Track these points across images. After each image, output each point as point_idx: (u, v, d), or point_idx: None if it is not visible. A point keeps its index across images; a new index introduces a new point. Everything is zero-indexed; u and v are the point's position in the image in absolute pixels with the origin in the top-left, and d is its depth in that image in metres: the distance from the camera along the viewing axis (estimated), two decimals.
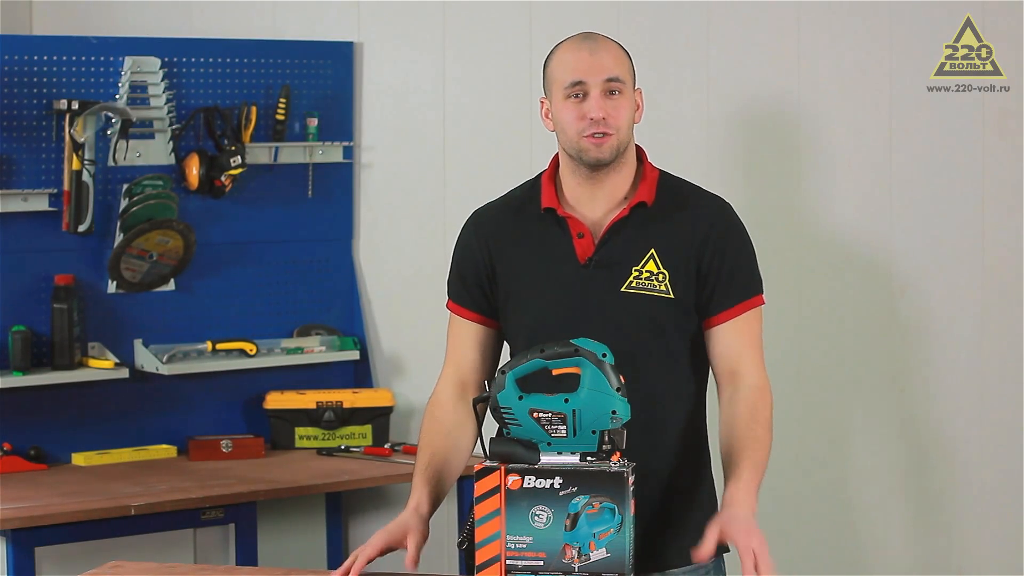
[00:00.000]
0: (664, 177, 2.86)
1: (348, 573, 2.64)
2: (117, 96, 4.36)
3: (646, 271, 2.78)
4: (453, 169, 4.59)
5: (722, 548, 2.85)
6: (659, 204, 2.82)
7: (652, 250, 2.78)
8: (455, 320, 2.92)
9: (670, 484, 2.80)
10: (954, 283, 3.88)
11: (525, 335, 2.81)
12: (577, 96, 2.76)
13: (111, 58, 4.39)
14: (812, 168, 4.02)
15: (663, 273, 2.78)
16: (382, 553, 2.68)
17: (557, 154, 2.89)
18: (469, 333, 2.90)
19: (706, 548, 2.54)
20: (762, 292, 2.84)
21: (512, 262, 2.85)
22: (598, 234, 2.81)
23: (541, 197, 2.84)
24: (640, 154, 2.87)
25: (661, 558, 2.78)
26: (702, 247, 2.78)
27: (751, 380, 2.76)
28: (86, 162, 4.27)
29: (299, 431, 4.57)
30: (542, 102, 2.85)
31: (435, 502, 2.77)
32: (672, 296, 2.77)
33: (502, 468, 2.56)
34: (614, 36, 2.83)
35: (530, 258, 2.83)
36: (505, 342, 2.92)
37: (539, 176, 2.89)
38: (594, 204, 2.82)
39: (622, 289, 2.77)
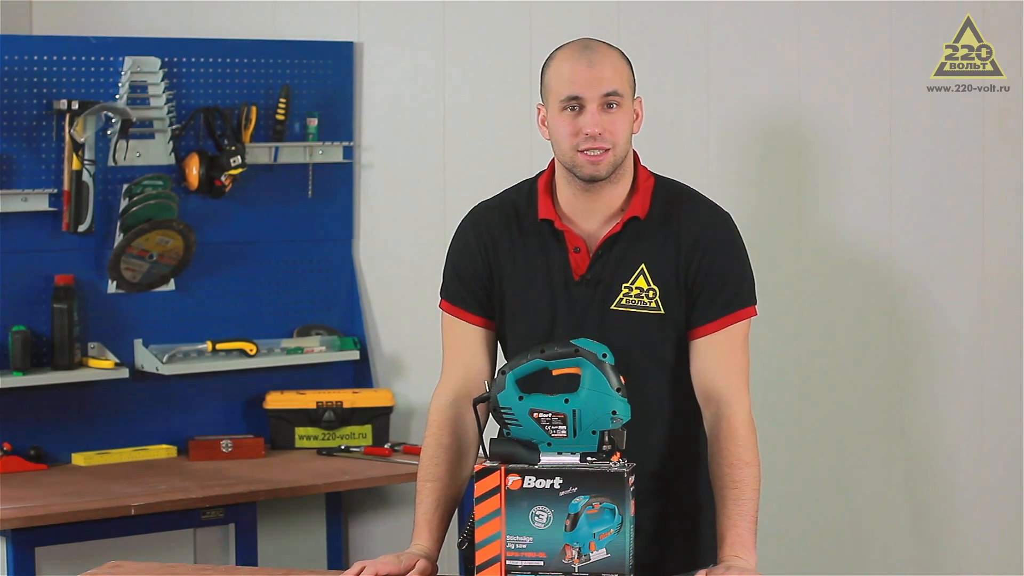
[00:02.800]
0: (659, 185, 2.80)
1: None
2: (117, 96, 4.36)
3: (636, 288, 2.73)
4: (453, 169, 4.59)
5: None
6: (652, 216, 2.75)
7: (643, 265, 2.73)
8: (455, 324, 2.84)
9: (668, 499, 2.78)
10: (954, 283, 3.88)
11: (514, 347, 2.78)
12: (573, 109, 2.69)
13: (111, 58, 4.39)
14: (811, 168, 4.01)
15: (653, 289, 2.73)
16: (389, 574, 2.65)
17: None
18: (473, 337, 2.83)
19: None
20: (752, 304, 2.76)
21: (507, 271, 2.79)
22: (592, 248, 2.76)
23: (538, 207, 2.78)
24: (634, 159, 2.80)
25: (665, 566, 2.77)
26: (688, 258, 2.72)
27: (728, 410, 2.69)
28: (86, 162, 4.27)
29: (299, 431, 4.57)
30: (539, 108, 2.78)
31: (441, 541, 2.76)
32: (663, 312, 2.73)
33: (502, 468, 2.56)
34: (614, 36, 2.82)
35: (525, 270, 2.78)
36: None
37: (536, 180, 2.83)
38: (590, 217, 2.76)
39: (612, 307, 2.73)
